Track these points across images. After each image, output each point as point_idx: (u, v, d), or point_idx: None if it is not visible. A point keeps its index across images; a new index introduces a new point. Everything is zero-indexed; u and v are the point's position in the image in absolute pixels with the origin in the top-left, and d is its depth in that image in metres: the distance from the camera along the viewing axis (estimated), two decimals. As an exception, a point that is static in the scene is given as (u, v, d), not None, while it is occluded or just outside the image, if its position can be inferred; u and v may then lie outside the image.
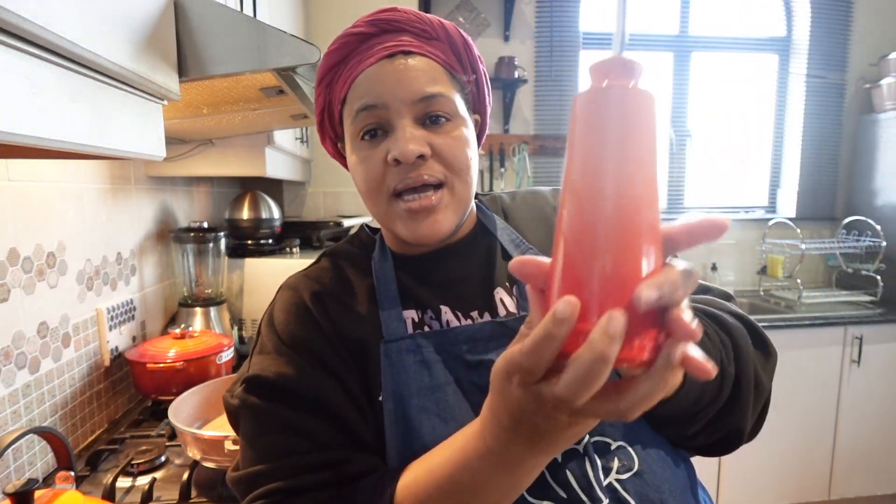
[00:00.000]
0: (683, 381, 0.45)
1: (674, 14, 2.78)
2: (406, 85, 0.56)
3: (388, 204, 0.58)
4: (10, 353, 0.90)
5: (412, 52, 0.57)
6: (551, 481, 0.53)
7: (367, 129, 0.57)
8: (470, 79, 0.62)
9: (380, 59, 0.56)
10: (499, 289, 0.62)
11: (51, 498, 0.64)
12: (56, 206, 1.03)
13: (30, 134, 0.40)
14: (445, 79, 0.58)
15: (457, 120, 0.58)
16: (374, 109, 0.56)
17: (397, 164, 0.55)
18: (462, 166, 0.58)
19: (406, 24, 0.58)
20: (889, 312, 2.38)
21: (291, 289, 0.64)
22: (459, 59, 0.60)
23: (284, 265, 1.62)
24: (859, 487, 2.43)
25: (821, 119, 2.78)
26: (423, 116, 0.57)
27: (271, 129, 1.44)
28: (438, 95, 0.56)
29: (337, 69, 0.59)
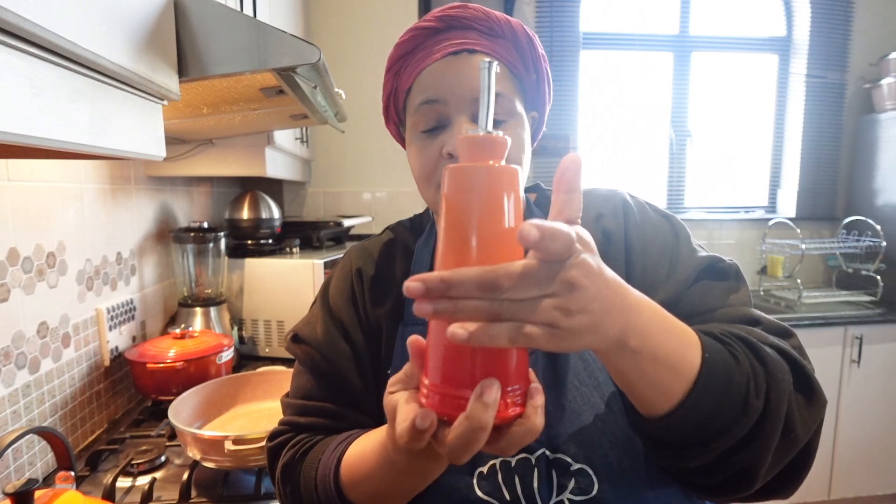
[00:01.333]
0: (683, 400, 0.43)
1: (674, 14, 2.78)
2: (466, 83, 0.58)
3: (438, 193, 0.60)
4: (10, 353, 0.90)
5: (476, 51, 0.59)
6: (501, 481, 0.56)
7: (427, 121, 0.60)
8: (531, 78, 0.63)
9: (444, 56, 0.59)
10: None
11: (51, 498, 0.64)
12: (56, 206, 1.03)
13: (30, 134, 0.40)
14: (506, 78, 0.60)
15: (513, 120, 0.60)
16: (434, 104, 0.59)
17: (451, 158, 0.58)
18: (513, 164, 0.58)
19: (473, 22, 0.60)
20: (889, 312, 2.38)
21: (349, 258, 0.72)
22: (523, 57, 0.61)
23: (284, 265, 1.62)
24: (859, 487, 2.43)
25: (821, 119, 2.79)
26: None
27: (271, 129, 1.44)
28: (498, 95, 0.57)
29: (405, 60, 0.62)
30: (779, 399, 0.46)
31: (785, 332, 0.56)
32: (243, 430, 1.02)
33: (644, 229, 0.63)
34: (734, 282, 0.59)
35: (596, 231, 0.64)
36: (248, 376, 1.17)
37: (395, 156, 2.42)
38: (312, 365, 0.66)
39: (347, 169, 2.41)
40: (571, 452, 0.56)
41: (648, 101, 2.84)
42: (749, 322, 0.55)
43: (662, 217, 0.66)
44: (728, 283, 0.59)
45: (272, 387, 1.17)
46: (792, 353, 0.51)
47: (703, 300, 0.57)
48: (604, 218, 0.65)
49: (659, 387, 0.44)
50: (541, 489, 0.55)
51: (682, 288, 0.58)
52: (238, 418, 1.09)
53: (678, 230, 0.64)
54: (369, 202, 2.44)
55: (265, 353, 1.65)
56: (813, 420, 0.50)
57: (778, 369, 0.48)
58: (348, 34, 2.33)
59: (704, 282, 0.58)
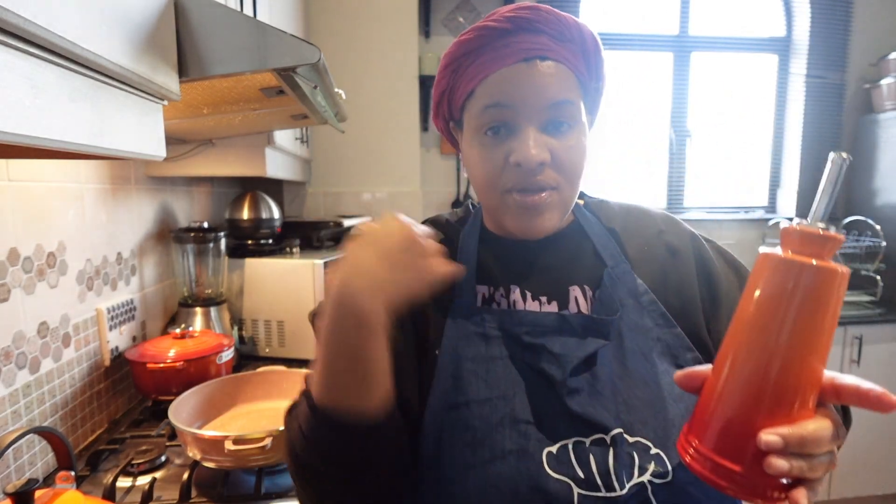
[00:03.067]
0: None
1: (674, 14, 2.78)
2: (539, 91, 0.57)
3: (500, 198, 0.61)
4: (10, 353, 0.90)
5: (548, 57, 0.58)
6: (573, 459, 0.55)
7: (492, 125, 0.60)
8: (593, 85, 0.63)
9: (517, 62, 0.58)
10: (575, 286, 0.65)
11: (51, 498, 0.64)
12: (56, 206, 1.03)
13: (30, 134, 0.40)
14: (574, 84, 0.60)
15: (577, 126, 0.60)
16: (503, 109, 0.58)
17: (518, 167, 0.58)
18: (575, 173, 0.60)
19: (544, 25, 0.58)
20: (889, 312, 2.38)
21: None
22: (588, 63, 0.61)
23: (284, 265, 1.62)
24: (859, 487, 2.43)
25: (821, 119, 2.79)
26: (548, 122, 0.59)
27: (271, 129, 1.44)
28: (566, 102, 0.58)
29: (468, 58, 0.60)
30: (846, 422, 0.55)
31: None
32: (243, 430, 1.02)
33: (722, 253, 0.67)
34: None
35: (659, 245, 0.66)
36: (248, 376, 1.17)
37: (395, 156, 2.42)
38: None
39: (347, 169, 2.41)
40: (651, 437, 0.56)
41: (648, 101, 2.84)
42: None
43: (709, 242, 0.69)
44: None
45: (272, 387, 1.17)
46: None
47: None
48: (665, 234, 0.67)
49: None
50: (617, 469, 0.54)
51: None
52: (238, 418, 1.10)
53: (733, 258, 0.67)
54: (369, 202, 2.44)
55: (265, 353, 1.65)
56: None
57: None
58: (348, 34, 2.33)
59: None
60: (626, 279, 0.63)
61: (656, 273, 0.64)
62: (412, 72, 2.37)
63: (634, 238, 0.67)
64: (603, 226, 0.68)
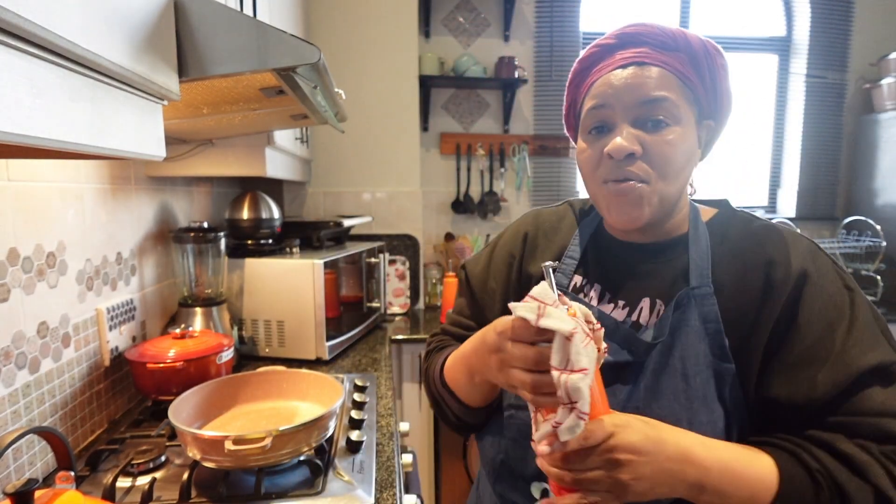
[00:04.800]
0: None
1: (674, 14, 2.78)
2: (632, 90, 0.64)
3: (597, 188, 0.68)
4: (10, 353, 0.90)
5: (646, 63, 0.64)
6: None
7: (594, 125, 0.67)
8: (706, 87, 0.66)
9: (616, 67, 0.65)
10: (647, 298, 0.69)
11: (51, 498, 0.64)
12: (56, 206, 1.03)
13: (30, 134, 0.40)
14: (675, 85, 0.64)
15: (677, 124, 0.64)
16: (602, 109, 0.66)
17: (610, 158, 0.64)
18: (669, 169, 0.64)
19: (647, 37, 0.66)
20: (889, 312, 2.38)
21: (525, 220, 0.85)
22: (697, 68, 0.66)
23: (284, 265, 1.62)
24: (859, 487, 2.42)
25: (821, 119, 2.79)
26: (644, 118, 0.64)
27: (271, 129, 1.44)
28: (662, 100, 0.63)
29: (583, 74, 0.70)
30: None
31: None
32: (243, 430, 1.02)
33: (820, 305, 0.60)
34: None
35: (758, 277, 0.63)
36: (248, 376, 1.17)
37: (395, 156, 2.42)
38: (468, 290, 0.84)
39: (347, 169, 2.41)
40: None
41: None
42: (880, 438, 0.56)
43: (847, 292, 0.62)
44: (893, 388, 0.58)
45: (272, 387, 1.17)
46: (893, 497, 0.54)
47: (856, 407, 0.57)
48: (776, 268, 0.63)
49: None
50: None
51: (836, 390, 0.57)
52: (238, 418, 1.10)
53: (855, 315, 0.60)
54: (369, 202, 2.44)
55: (265, 353, 1.65)
56: None
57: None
58: (348, 34, 2.33)
59: (870, 386, 0.57)
60: (704, 303, 0.63)
61: (742, 304, 0.63)
62: (412, 72, 2.37)
63: (737, 263, 0.65)
64: (709, 243, 0.67)
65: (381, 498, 0.93)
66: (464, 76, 2.48)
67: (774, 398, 0.60)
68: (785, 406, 0.59)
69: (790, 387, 0.59)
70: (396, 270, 2.40)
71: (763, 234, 0.66)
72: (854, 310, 0.61)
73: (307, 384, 1.16)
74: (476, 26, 2.59)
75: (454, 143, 2.62)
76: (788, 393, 0.59)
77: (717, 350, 0.62)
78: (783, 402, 0.59)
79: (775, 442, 0.59)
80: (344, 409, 1.23)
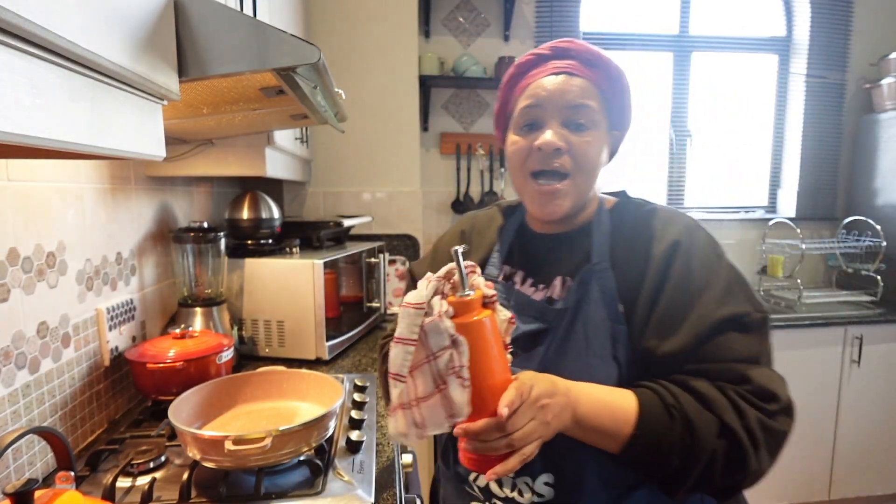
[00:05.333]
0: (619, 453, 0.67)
1: (674, 14, 2.78)
2: (562, 95, 0.74)
3: (524, 181, 0.78)
4: (10, 353, 0.90)
5: (574, 74, 0.75)
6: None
7: (527, 122, 0.77)
8: (616, 102, 0.78)
9: (549, 74, 0.76)
10: (559, 277, 0.80)
11: (51, 498, 0.64)
12: (56, 206, 1.03)
13: (30, 134, 0.40)
14: (596, 97, 0.76)
15: (595, 129, 0.75)
16: (535, 108, 0.75)
17: (539, 151, 0.74)
18: (588, 166, 0.75)
19: (576, 53, 0.77)
20: (889, 313, 2.38)
21: (461, 221, 0.96)
22: (612, 84, 0.77)
23: (284, 265, 1.62)
24: (859, 487, 2.43)
25: (821, 119, 2.79)
26: (569, 121, 0.74)
27: (271, 129, 1.44)
28: (585, 107, 0.74)
29: (518, 77, 0.80)
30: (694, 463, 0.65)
31: (769, 396, 0.66)
32: (243, 430, 1.02)
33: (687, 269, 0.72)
34: (754, 336, 0.69)
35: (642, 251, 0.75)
36: (248, 376, 1.17)
37: (394, 156, 2.42)
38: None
39: (347, 169, 2.41)
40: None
41: (648, 101, 2.84)
42: (738, 381, 0.67)
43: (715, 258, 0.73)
44: (746, 335, 0.68)
45: (272, 387, 1.17)
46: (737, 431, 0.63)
47: (715, 354, 0.68)
48: (656, 243, 0.75)
49: (604, 444, 0.68)
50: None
51: (697, 340, 0.68)
52: (238, 418, 1.10)
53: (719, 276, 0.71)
54: (369, 202, 2.44)
55: (265, 353, 1.65)
56: (733, 478, 0.66)
57: (704, 442, 0.64)
58: (348, 34, 2.33)
59: (727, 334, 0.68)
60: (602, 276, 0.75)
61: (632, 276, 0.74)
62: (412, 72, 2.37)
63: (629, 241, 0.77)
64: (611, 227, 0.79)
65: (381, 498, 0.93)
66: (464, 76, 2.48)
67: (650, 349, 0.70)
68: (658, 356, 0.70)
69: (661, 338, 0.70)
70: (396, 270, 2.40)
71: (649, 216, 0.78)
72: (720, 272, 0.72)
73: (307, 384, 1.16)
74: (476, 26, 2.59)
75: (454, 143, 2.62)
76: (658, 344, 0.70)
77: (613, 315, 0.73)
78: (657, 353, 0.70)
79: (643, 384, 0.70)
80: (344, 409, 1.23)
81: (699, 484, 0.66)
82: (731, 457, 0.64)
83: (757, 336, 0.69)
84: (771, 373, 0.68)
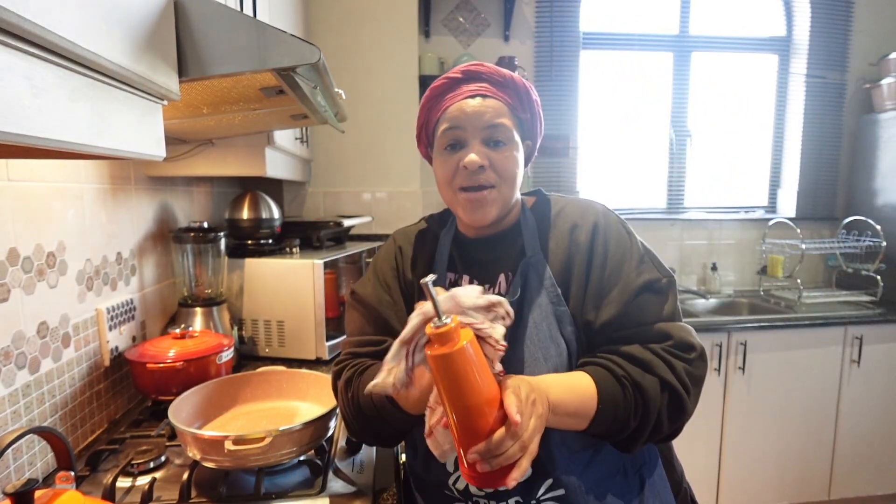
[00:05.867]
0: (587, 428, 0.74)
1: (674, 14, 2.78)
2: (480, 116, 0.81)
3: (454, 194, 0.83)
4: (10, 353, 0.90)
5: (488, 95, 0.82)
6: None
7: (450, 142, 0.83)
8: (526, 116, 0.85)
9: (466, 97, 0.82)
10: (501, 274, 0.86)
11: (51, 498, 0.64)
12: (56, 206, 1.03)
13: (30, 134, 0.40)
14: (508, 115, 0.82)
15: (511, 144, 0.82)
16: (456, 130, 0.82)
17: (465, 169, 0.80)
18: (509, 176, 0.82)
19: (486, 76, 0.83)
20: (889, 313, 2.38)
21: (394, 238, 0.98)
22: (521, 101, 0.84)
23: (284, 265, 1.62)
24: (859, 487, 2.43)
25: (821, 119, 2.79)
26: (488, 139, 0.81)
27: (271, 129, 1.44)
28: (500, 125, 0.81)
29: (436, 99, 0.85)
30: (647, 419, 0.75)
31: (688, 347, 0.77)
32: (243, 430, 1.02)
33: (607, 248, 0.82)
34: (665, 297, 0.81)
35: (569, 238, 0.84)
36: (248, 376, 1.17)
37: (394, 156, 2.42)
38: (365, 311, 0.91)
39: (347, 169, 2.41)
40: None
41: (648, 101, 2.84)
42: (662, 339, 0.77)
43: (627, 235, 0.84)
44: (660, 297, 0.80)
45: (272, 387, 1.17)
46: (673, 383, 0.74)
47: (640, 315, 0.79)
48: (578, 230, 0.84)
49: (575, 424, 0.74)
50: None
51: (624, 306, 0.79)
52: (238, 418, 1.10)
53: (633, 251, 0.83)
54: (369, 202, 2.44)
55: (265, 353, 1.65)
56: (676, 423, 0.77)
57: (653, 400, 0.74)
58: (348, 34, 2.33)
59: (644, 297, 0.79)
60: (538, 267, 0.83)
61: (563, 261, 0.83)
62: (412, 72, 2.37)
63: (555, 232, 0.86)
64: (536, 223, 0.87)
65: (381, 498, 0.93)
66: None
67: (589, 322, 0.80)
68: (596, 327, 0.79)
69: (595, 311, 0.80)
70: (396, 270, 2.39)
71: (566, 208, 0.88)
72: (633, 247, 0.83)
73: (307, 384, 1.16)
74: (476, 26, 2.59)
75: (454, 143, 2.61)
76: (595, 316, 0.79)
77: (554, 298, 0.81)
78: (594, 324, 0.79)
79: (592, 360, 0.78)
80: (344, 409, 1.23)
81: (651, 436, 0.76)
82: (673, 406, 0.75)
83: (669, 297, 0.81)
84: (684, 326, 0.80)
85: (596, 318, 0.79)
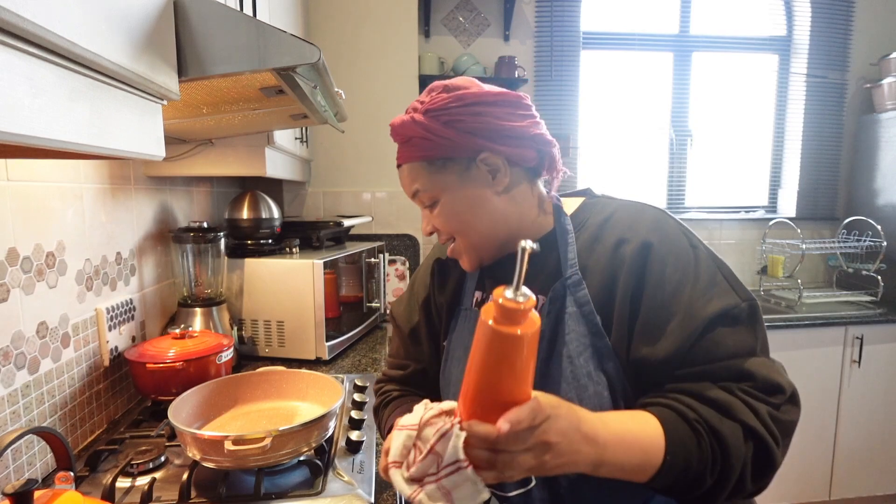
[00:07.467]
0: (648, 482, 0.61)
1: (674, 14, 2.78)
2: (405, 188, 0.79)
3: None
4: (9, 354, 0.90)
5: (400, 164, 0.78)
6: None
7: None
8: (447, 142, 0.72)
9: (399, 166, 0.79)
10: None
11: (50, 498, 0.64)
12: (56, 206, 1.03)
13: (30, 134, 0.40)
14: (423, 172, 0.75)
15: (442, 196, 0.75)
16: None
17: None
18: (460, 227, 0.77)
19: (396, 137, 0.76)
20: (889, 312, 2.38)
21: (434, 250, 0.95)
22: (430, 138, 0.72)
23: (284, 265, 1.62)
24: (859, 487, 2.43)
25: (821, 119, 2.78)
26: (423, 204, 0.79)
27: (271, 129, 1.44)
28: (417, 191, 0.77)
29: None
30: (728, 476, 0.61)
31: (774, 388, 0.63)
32: (243, 430, 1.02)
33: (663, 268, 0.67)
34: (745, 327, 0.65)
35: (613, 255, 0.70)
36: (248, 376, 1.17)
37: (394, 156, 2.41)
38: (398, 330, 0.93)
39: (347, 169, 2.41)
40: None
41: (648, 101, 2.84)
42: (741, 378, 0.63)
43: (690, 250, 0.69)
44: (738, 330, 0.65)
45: (272, 387, 1.17)
46: (759, 430, 0.61)
47: (710, 353, 0.64)
48: (624, 245, 0.70)
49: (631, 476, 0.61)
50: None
51: (688, 342, 0.64)
52: (238, 418, 1.09)
53: (699, 270, 0.67)
54: (369, 202, 2.44)
55: (265, 353, 1.65)
56: (763, 479, 0.63)
57: (735, 454, 0.60)
58: (348, 34, 2.32)
59: (717, 331, 0.64)
60: (575, 289, 0.72)
61: (604, 283, 0.70)
62: (412, 72, 2.37)
63: (597, 246, 0.73)
64: (574, 234, 0.76)
65: (381, 498, 0.92)
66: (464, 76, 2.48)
67: (641, 358, 0.66)
68: (652, 364, 0.65)
69: (651, 345, 0.65)
70: (396, 270, 2.40)
71: (614, 216, 0.74)
72: (698, 266, 0.68)
73: (307, 384, 1.16)
74: (476, 26, 2.59)
75: (454, 143, 2.61)
76: (650, 351, 0.65)
77: (593, 328, 0.70)
78: (649, 361, 0.65)
79: (657, 401, 0.65)
80: (344, 410, 1.23)
81: (733, 493, 0.62)
82: (760, 458, 0.61)
83: (749, 327, 0.65)
84: (769, 362, 0.65)
85: (651, 355, 0.65)
